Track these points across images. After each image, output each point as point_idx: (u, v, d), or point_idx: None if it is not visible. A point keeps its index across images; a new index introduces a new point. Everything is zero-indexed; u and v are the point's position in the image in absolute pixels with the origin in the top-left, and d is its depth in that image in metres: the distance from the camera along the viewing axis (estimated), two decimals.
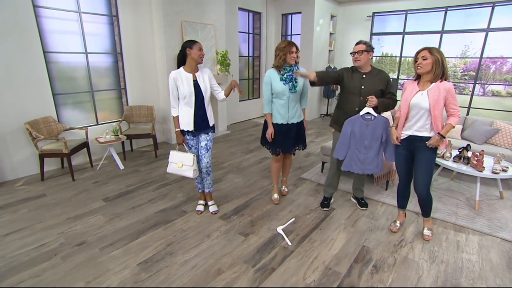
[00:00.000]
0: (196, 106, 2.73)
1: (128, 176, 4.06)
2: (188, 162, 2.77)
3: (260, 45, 7.79)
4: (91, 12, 4.43)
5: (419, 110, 2.38)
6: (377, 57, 8.06)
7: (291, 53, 2.78)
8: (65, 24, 4.21)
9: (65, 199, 3.40)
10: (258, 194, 3.54)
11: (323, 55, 7.95)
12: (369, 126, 2.66)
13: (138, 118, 5.04)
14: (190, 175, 2.78)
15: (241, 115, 7.66)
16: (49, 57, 4.09)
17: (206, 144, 2.85)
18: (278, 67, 2.86)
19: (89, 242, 2.61)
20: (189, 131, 2.79)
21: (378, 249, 2.54)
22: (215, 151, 5.12)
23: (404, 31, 7.25)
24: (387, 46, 7.83)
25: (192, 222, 2.94)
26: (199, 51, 2.65)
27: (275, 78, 2.89)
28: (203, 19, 5.58)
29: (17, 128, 3.84)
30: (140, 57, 5.07)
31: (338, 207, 3.24)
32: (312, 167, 4.43)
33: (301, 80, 2.91)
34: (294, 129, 3.05)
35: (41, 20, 3.94)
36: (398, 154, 2.61)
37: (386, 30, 7.62)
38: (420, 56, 2.34)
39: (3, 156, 3.81)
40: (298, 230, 2.81)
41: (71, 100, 4.47)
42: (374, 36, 7.80)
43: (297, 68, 2.88)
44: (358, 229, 2.84)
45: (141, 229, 2.81)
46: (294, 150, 3.21)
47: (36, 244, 2.58)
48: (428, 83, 2.37)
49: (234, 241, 2.64)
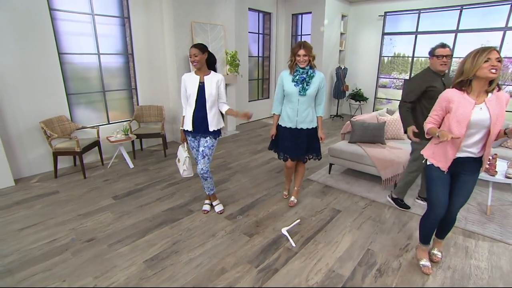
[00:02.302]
0: (196, 107, 2.77)
1: (137, 175, 4.15)
2: (182, 160, 2.91)
3: (270, 45, 7.81)
4: (104, 14, 4.55)
5: (479, 128, 1.92)
6: (388, 57, 7.97)
7: (297, 55, 2.76)
8: (79, 26, 4.34)
9: (76, 196, 3.51)
10: (264, 195, 3.57)
11: (333, 55, 7.92)
12: None
13: (148, 118, 5.15)
14: (181, 172, 2.96)
15: None
16: (63, 58, 4.22)
17: (203, 150, 2.85)
18: (290, 68, 2.86)
19: (98, 238, 2.70)
20: (189, 131, 2.86)
21: (383, 252, 2.54)
22: (223, 151, 5.17)
23: (416, 30, 7.16)
24: (399, 46, 7.72)
25: (198, 221, 2.99)
26: (190, 57, 2.72)
27: (287, 79, 2.88)
28: (213, 20, 5.64)
29: (33, 126, 3.98)
30: (150, 58, 5.17)
31: (344, 210, 3.24)
32: (319, 168, 4.43)
33: (314, 83, 2.82)
34: (304, 135, 2.96)
35: (56, 23, 4.07)
36: (440, 180, 2.12)
37: (398, 29, 7.53)
38: (494, 56, 1.79)
39: (20, 153, 3.96)
40: (303, 232, 2.83)
41: (84, 100, 4.60)
42: (386, 36, 7.72)
43: (312, 72, 2.83)
44: (363, 232, 2.84)
45: (148, 227, 2.88)
46: (306, 159, 3.13)
47: (48, 239, 2.68)
48: (483, 93, 1.90)
49: (239, 241, 2.68)
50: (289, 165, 3.16)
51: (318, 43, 7.36)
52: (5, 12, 3.56)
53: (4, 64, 3.65)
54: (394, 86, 8.10)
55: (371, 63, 8.07)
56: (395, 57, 7.91)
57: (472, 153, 2.01)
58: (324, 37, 7.30)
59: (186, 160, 2.87)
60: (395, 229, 2.89)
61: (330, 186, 3.83)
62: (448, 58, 2.66)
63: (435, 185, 2.15)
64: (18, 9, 3.65)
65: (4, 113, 3.75)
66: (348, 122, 4.23)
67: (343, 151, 3.95)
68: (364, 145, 3.97)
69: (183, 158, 2.92)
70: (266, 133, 6.56)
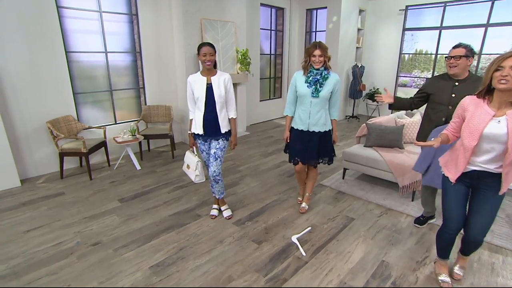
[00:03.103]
0: (206, 110, 2.79)
1: (144, 177, 4.24)
2: (193, 166, 2.92)
3: (282, 42, 7.82)
4: (112, 11, 4.66)
5: (494, 144, 1.81)
6: (409, 55, 7.85)
7: (313, 56, 2.78)
8: (86, 24, 4.46)
9: (82, 198, 3.61)
10: (274, 200, 3.59)
11: (350, 52, 7.87)
12: None
13: (156, 118, 5.24)
14: (193, 179, 2.95)
15: (261, 115, 7.74)
16: (71, 56, 4.34)
17: (215, 152, 2.90)
18: (304, 68, 2.89)
19: (104, 242, 2.77)
20: (199, 135, 2.89)
21: (398, 265, 2.52)
22: (232, 154, 5.21)
23: (441, 25, 6.99)
24: (422, 42, 7.58)
25: (205, 227, 3.04)
26: (203, 57, 2.69)
27: (300, 80, 2.91)
28: (223, 17, 5.69)
29: (40, 126, 4.12)
30: (159, 56, 5.26)
31: (358, 218, 3.23)
32: (333, 173, 4.42)
33: (328, 85, 2.84)
34: (316, 138, 2.98)
35: (64, 20, 4.20)
36: (453, 191, 2.06)
37: (420, 24, 7.39)
38: (508, 64, 1.65)
39: (26, 153, 4.10)
40: (314, 240, 2.83)
41: (91, 99, 4.72)
42: (407, 32, 7.60)
43: (327, 73, 2.85)
44: (378, 242, 2.83)
45: (154, 232, 2.94)
46: (316, 163, 3.14)
47: (54, 242, 2.78)
48: (506, 105, 1.76)
49: (247, 248, 2.71)
50: (297, 169, 3.19)
51: (333, 40, 7.33)
52: (12, 10, 3.70)
53: (12, 63, 3.79)
54: (415, 85, 7.97)
55: (390, 60, 7.98)
56: (416, 54, 7.79)
57: (488, 169, 1.91)
58: (340, 33, 7.27)
59: (198, 165, 2.89)
60: (412, 240, 2.86)
61: (343, 192, 3.82)
62: (457, 59, 2.48)
63: (447, 196, 2.11)
64: (26, 7, 3.78)
65: (12, 113, 3.90)
66: (363, 125, 4.20)
67: (358, 155, 3.93)
68: (380, 149, 3.94)
69: (194, 163, 2.91)
70: (277, 134, 6.58)
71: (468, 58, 2.46)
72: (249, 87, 6.86)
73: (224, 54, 5.66)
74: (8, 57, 3.75)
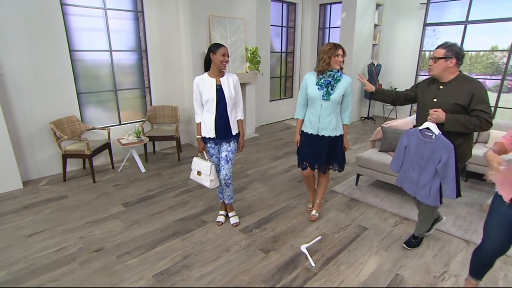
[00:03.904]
0: (218, 112, 2.84)
1: (149, 180, 4.31)
2: (206, 171, 2.92)
3: (294, 39, 7.83)
4: (117, 8, 4.75)
5: None
6: (430, 52, 7.75)
7: (336, 56, 2.76)
8: (91, 21, 4.56)
9: (85, 201, 3.70)
10: (283, 207, 3.61)
11: (365, 50, 7.83)
12: (428, 144, 2.40)
13: (162, 119, 5.31)
14: (207, 185, 2.94)
15: (271, 116, 7.76)
16: (74, 55, 4.45)
17: (226, 155, 2.95)
18: (321, 71, 2.86)
19: (107, 248, 2.84)
20: (210, 138, 2.93)
21: (414, 279, 2.51)
22: (240, 157, 5.25)
23: (467, 19, 6.83)
24: (445, 38, 7.41)
25: (211, 234, 3.08)
26: (222, 57, 2.73)
27: (311, 82, 2.93)
28: (232, 13, 5.74)
29: (43, 127, 4.23)
30: (165, 54, 5.34)
31: (372, 227, 3.23)
32: (345, 179, 4.42)
33: (340, 88, 2.85)
34: (325, 143, 2.99)
35: (68, 18, 4.30)
36: (500, 214, 1.94)
37: (443, 19, 7.27)
38: None
39: (29, 155, 4.22)
40: (324, 250, 2.84)
41: (95, 99, 4.82)
42: (429, 27, 7.50)
43: (340, 75, 2.86)
44: (392, 254, 2.82)
45: (159, 238, 3.00)
46: (325, 169, 3.16)
47: (56, 247, 2.85)
48: None
49: (254, 257, 2.74)
50: (305, 174, 3.23)
51: (348, 37, 7.31)
52: (15, 7, 3.81)
53: (14, 62, 3.90)
54: None
55: (409, 58, 7.90)
56: None
57: None
58: (355, 29, 7.24)
59: (212, 169, 2.91)
60: (429, 253, 2.84)
61: (356, 199, 3.81)
62: (434, 61, 2.40)
63: (491, 216, 1.99)
64: (29, 4, 3.89)
65: (15, 113, 4.01)
66: (378, 128, 4.19)
67: (372, 160, 3.92)
68: None
69: (208, 168, 2.91)
70: (288, 136, 6.59)
71: (448, 60, 2.35)
72: (259, 87, 6.89)
73: (232, 53, 5.70)
74: (11, 56, 3.86)
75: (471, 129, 2.30)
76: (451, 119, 2.31)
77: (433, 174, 2.42)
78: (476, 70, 7.19)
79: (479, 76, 7.11)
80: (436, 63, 2.39)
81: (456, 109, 2.35)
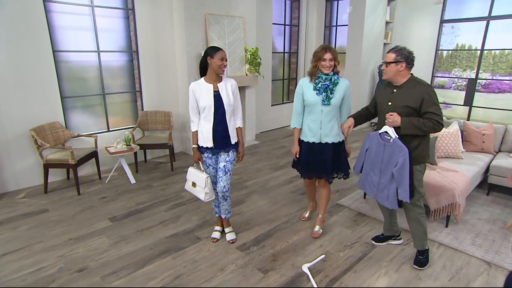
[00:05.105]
0: (216, 120, 2.86)
1: (139, 192, 4.31)
2: (201, 183, 2.93)
3: (298, 38, 7.89)
4: (105, 5, 4.80)
5: None
6: (448, 51, 7.72)
7: (323, 60, 2.85)
8: (76, 20, 4.61)
9: (68, 216, 3.69)
10: (284, 222, 3.60)
11: (376, 49, 7.85)
12: (387, 148, 2.64)
13: (154, 125, 5.34)
14: (202, 198, 2.95)
15: (273, 121, 7.79)
16: (58, 56, 4.49)
17: (225, 165, 2.97)
18: (311, 75, 2.96)
19: (91, 268, 2.83)
20: (207, 148, 2.94)
21: None
22: (239, 166, 5.25)
23: (489, 14, 6.74)
24: (464, 36, 7.36)
25: (205, 251, 3.07)
26: (220, 61, 2.76)
27: (307, 87, 2.99)
28: (230, 11, 5.79)
29: (22, 134, 4.25)
30: (157, 56, 5.38)
31: (380, 245, 3.20)
32: (352, 191, 4.41)
33: (339, 91, 2.94)
34: (329, 150, 3.05)
35: (51, 16, 4.34)
36: None
37: (463, 15, 7.18)
38: None
39: (6, 164, 4.23)
40: (328, 271, 2.82)
41: (80, 104, 4.86)
42: (446, 24, 7.48)
43: (337, 78, 2.93)
44: (403, 275, 2.79)
45: (148, 256, 2.99)
46: (331, 178, 3.18)
47: (33, 267, 2.83)
48: None
49: (251, 277, 2.72)
50: (307, 183, 3.32)
51: (357, 36, 7.35)
52: None
53: None
54: (455, 87, 7.87)
55: (424, 58, 7.85)
56: (457, 50, 7.65)
57: None
58: (365, 27, 7.27)
59: (207, 181, 2.93)
60: (445, 274, 2.81)
61: (364, 214, 3.80)
62: (385, 66, 2.60)
63: None
64: (8, 0, 3.91)
65: None
66: None
67: None
68: None
69: (203, 180, 2.94)
70: (290, 144, 6.53)
71: (398, 64, 2.55)
72: (260, 90, 6.92)
73: (231, 54, 5.74)
74: None
75: (425, 131, 2.55)
76: (406, 122, 2.52)
77: (391, 177, 2.66)
78: (500, 71, 7.12)
79: (504, 77, 7.05)
80: (388, 67, 2.60)
81: (408, 111, 2.56)
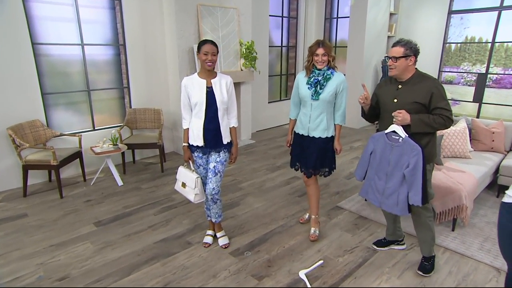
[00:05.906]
0: (207, 118, 2.86)
1: (126, 195, 4.29)
2: (191, 184, 2.93)
3: (297, 31, 7.89)
4: None
5: None
6: (457, 44, 7.72)
7: (315, 55, 2.95)
8: (58, 10, 4.57)
9: (49, 221, 3.66)
10: (280, 226, 3.59)
11: (379, 43, 7.86)
12: (394, 149, 2.54)
13: (143, 124, 5.32)
14: (192, 199, 2.96)
15: (270, 120, 7.79)
16: (38, 49, 4.45)
17: (215, 166, 2.97)
18: (306, 69, 3.11)
19: (73, 276, 2.80)
20: (198, 147, 2.94)
21: None
22: (233, 167, 5.24)
23: (501, 4, 6.73)
24: (474, 28, 7.36)
25: (196, 257, 3.05)
26: (204, 56, 2.75)
27: (302, 81, 3.15)
28: (224, 2, 5.78)
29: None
30: (146, 49, 5.36)
31: (382, 250, 3.20)
32: (353, 192, 4.41)
33: (330, 87, 3.01)
34: (315, 144, 3.15)
35: (29, 5, 4.28)
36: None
37: (473, 5, 7.19)
38: None
39: None
40: (326, 277, 2.81)
41: (63, 101, 4.83)
42: (455, 15, 7.48)
43: (330, 73, 3.02)
44: (406, 282, 2.78)
45: (135, 263, 2.97)
46: (312, 172, 3.25)
47: (10, 277, 2.79)
48: None
49: (245, 284, 2.71)
50: (304, 180, 3.38)
51: (359, 28, 7.36)
52: None
53: None
54: (464, 82, 7.87)
55: (431, 51, 7.85)
56: (466, 43, 7.64)
57: None
58: (367, 20, 7.28)
59: (197, 182, 2.94)
60: (451, 281, 2.80)
61: (365, 217, 3.80)
62: (394, 61, 2.55)
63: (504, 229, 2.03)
64: None
65: None
66: None
67: None
68: None
69: (193, 181, 2.94)
70: None
71: (408, 58, 2.53)
72: (256, 87, 6.91)
73: (225, 48, 5.73)
74: None
75: (436, 128, 2.53)
76: (416, 119, 2.49)
77: (401, 180, 2.55)
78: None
79: None
80: (397, 62, 2.55)
81: (417, 108, 2.54)
